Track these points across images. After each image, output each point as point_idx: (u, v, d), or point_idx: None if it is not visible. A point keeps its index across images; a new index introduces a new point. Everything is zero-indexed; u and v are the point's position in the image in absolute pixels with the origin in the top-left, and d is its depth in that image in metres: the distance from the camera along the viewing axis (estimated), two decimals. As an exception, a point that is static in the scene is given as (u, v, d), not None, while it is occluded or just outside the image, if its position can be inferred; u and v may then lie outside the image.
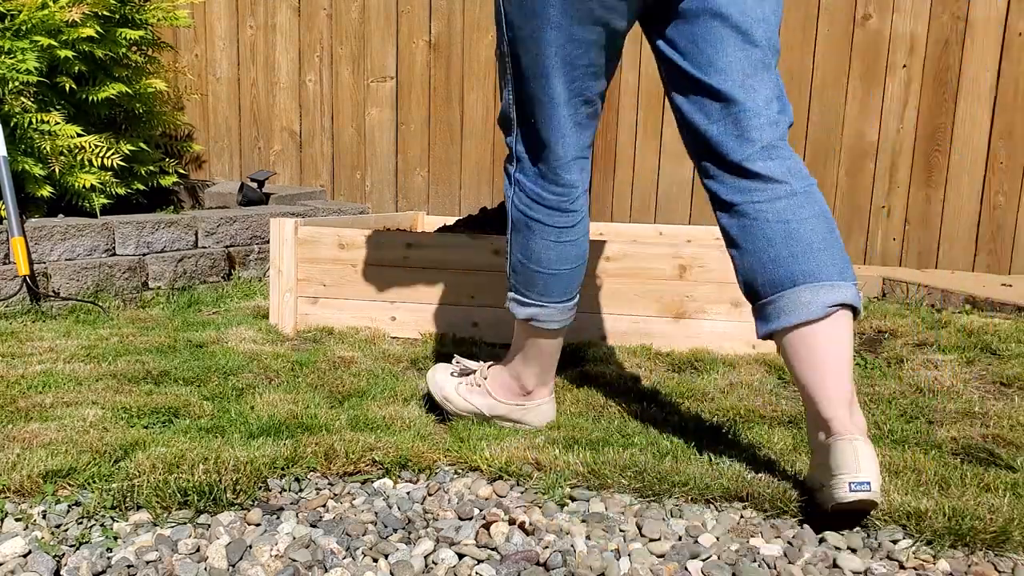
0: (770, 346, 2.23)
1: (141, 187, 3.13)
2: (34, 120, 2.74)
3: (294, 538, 1.22)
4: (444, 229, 2.92)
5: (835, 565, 1.17)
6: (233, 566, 1.16)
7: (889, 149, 3.49)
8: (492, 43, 3.81)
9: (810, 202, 1.35)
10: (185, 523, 1.25)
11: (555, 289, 1.56)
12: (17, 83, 2.66)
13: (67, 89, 2.85)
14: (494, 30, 1.54)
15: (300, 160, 4.13)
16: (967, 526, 1.20)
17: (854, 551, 1.20)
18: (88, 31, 2.79)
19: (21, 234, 2.41)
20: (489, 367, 1.69)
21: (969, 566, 1.16)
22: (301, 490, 1.38)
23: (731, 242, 1.40)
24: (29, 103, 2.73)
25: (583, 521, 1.28)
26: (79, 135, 2.85)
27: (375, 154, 4.03)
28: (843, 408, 1.26)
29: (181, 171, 3.52)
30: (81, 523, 1.25)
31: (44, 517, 1.26)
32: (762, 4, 1.36)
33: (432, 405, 1.74)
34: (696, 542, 1.23)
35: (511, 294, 1.60)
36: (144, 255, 2.87)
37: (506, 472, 1.42)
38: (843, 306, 1.30)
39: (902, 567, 1.16)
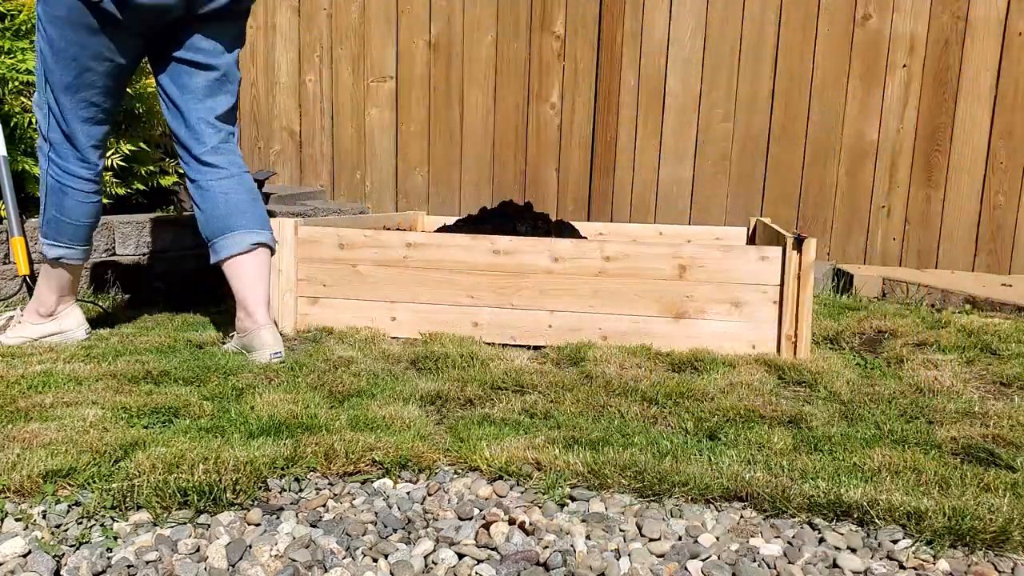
0: (770, 346, 2.24)
1: (141, 187, 3.13)
2: (34, 120, 2.74)
3: (294, 538, 1.22)
4: (444, 229, 2.92)
5: (835, 565, 1.17)
6: (233, 566, 1.16)
7: (889, 149, 3.49)
8: (492, 43, 3.81)
9: (241, 182, 2.16)
10: (185, 523, 1.25)
11: (82, 236, 2.18)
12: (17, 83, 2.66)
13: (67, 89, 2.85)
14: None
15: (300, 160, 4.13)
16: (967, 526, 1.20)
17: (854, 551, 1.20)
18: (88, 31, 2.78)
19: (21, 234, 2.41)
20: (21, 310, 2.30)
21: (969, 566, 1.16)
22: (301, 490, 1.38)
23: (196, 206, 2.17)
24: (29, 103, 2.72)
25: (583, 521, 1.28)
26: (79, 135, 2.85)
27: (375, 154, 4.04)
28: (263, 307, 2.11)
29: (181, 171, 3.52)
30: (81, 523, 1.25)
31: (44, 517, 1.26)
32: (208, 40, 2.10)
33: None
34: (696, 542, 1.23)
35: (46, 241, 2.16)
36: (144, 255, 2.86)
37: (506, 472, 1.42)
38: (259, 244, 2.14)
39: (902, 567, 1.16)
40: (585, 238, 2.65)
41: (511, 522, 1.27)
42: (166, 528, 1.24)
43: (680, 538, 1.24)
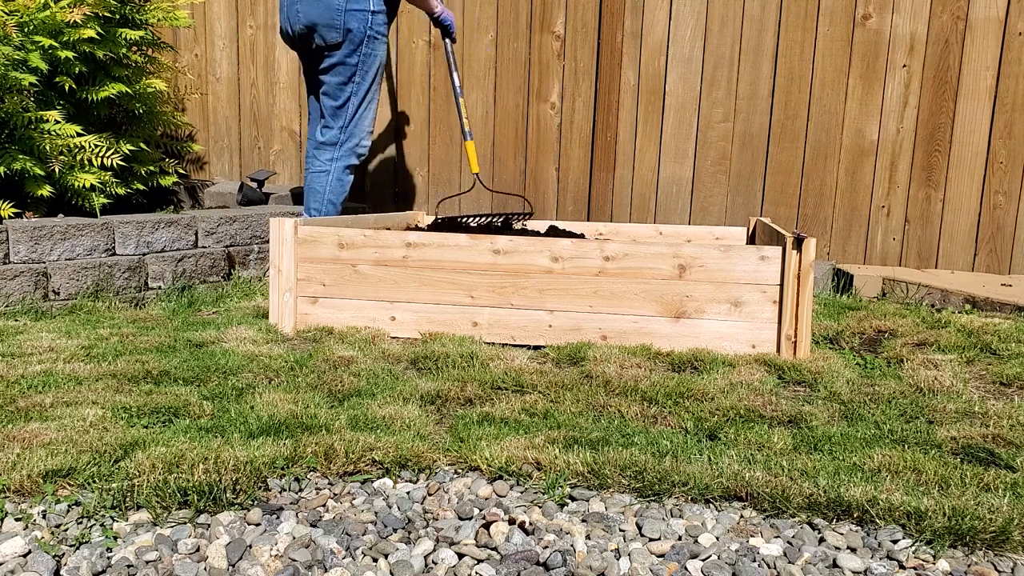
0: (770, 346, 2.24)
1: (141, 187, 3.13)
2: (33, 119, 2.74)
3: (294, 538, 1.22)
4: (435, 225, 2.94)
5: (835, 565, 1.17)
6: (233, 566, 1.16)
7: (889, 149, 3.49)
8: (492, 43, 3.81)
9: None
10: (185, 523, 1.25)
11: None
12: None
13: (67, 89, 2.85)
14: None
15: (300, 160, 4.12)
16: (967, 526, 1.20)
17: (854, 551, 1.20)
18: (89, 32, 2.78)
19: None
20: None
21: (969, 566, 1.16)
22: (301, 490, 1.38)
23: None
24: (29, 102, 2.73)
25: (583, 521, 1.28)
26: (79, 134, 2.85)
27: (375, 154, 4.03)
28: None
29: (181, 171, 3.52)
30: (81, 523, 1.25)
31: (44, 517, 1.26)
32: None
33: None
34: (696, 542, 1.23)
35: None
36: (144, 255, 2.87)
37: (506, 472, 1.42)
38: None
39: (902, 567, 1.16)
40: (576, 235, 2.65)
41: (511, 522, 1.27)
42: (166, 528, 1.24)
43: (680, 538, 1.24)
